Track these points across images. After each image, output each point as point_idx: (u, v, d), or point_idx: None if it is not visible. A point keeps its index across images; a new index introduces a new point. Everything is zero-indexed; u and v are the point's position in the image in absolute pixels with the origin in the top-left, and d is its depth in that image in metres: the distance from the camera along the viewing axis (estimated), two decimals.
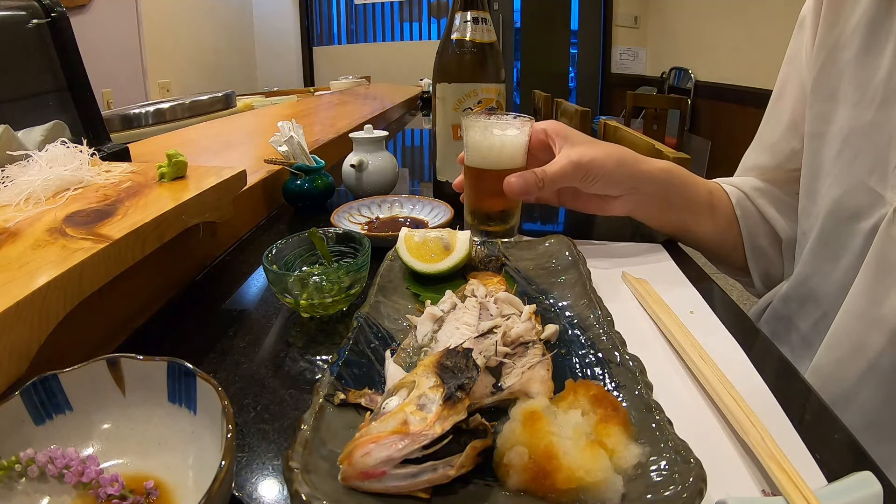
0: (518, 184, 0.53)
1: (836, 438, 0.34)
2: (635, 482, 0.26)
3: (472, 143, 0.58)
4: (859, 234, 0.47)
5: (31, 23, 0.68)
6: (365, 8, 4.66)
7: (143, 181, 0.54)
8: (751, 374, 0.39)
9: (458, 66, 0.69)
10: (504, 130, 0.57)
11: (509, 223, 0.61)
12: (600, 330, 0.40)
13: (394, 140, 1.63)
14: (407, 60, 4.36)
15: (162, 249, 0.46)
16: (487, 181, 0.59)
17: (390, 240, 0.54)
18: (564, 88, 4.63)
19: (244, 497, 0.29)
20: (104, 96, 2.71)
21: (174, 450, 0.29)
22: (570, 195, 0.60)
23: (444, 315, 0.41)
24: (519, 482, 0.26)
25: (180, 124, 1.59)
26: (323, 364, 0.41)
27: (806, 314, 0.55)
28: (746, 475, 0.30)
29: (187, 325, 0.48)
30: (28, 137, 0.61)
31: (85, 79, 0.73)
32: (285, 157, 0.76)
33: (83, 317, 0.37)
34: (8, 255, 0.36)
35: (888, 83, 0.44)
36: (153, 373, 0.29)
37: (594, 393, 0.30)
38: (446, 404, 0.27)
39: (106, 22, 2.75)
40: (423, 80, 2.66)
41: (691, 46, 3.71)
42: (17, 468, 0.26)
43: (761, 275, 0.63)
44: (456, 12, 0.69)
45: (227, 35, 4.04)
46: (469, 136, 0.58)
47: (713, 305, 0.50)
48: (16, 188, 0.47)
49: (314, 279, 0.44)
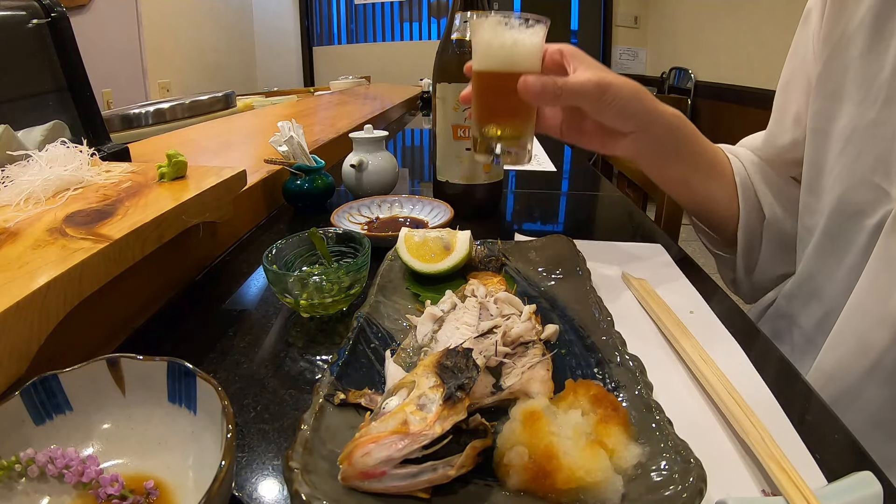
0: (535, 84, 0.47)
1: (836, 438, 0.34)
2: (635, 482, 0.26)
3: (483, 42, 0.50)
4: (864, 231, 0.47)
5: (31, 23, 0.68)
6: (365, 8, 4.66)
7: (143, 181, 0.54)
8: (751, 374, 0.39)
9: (458, 66, 0.69)
10: (517, 27, 0.49)
11: (522, 139, 0.52)
12: (600, 330, 0.40)
13: (394, 140, 1.63)
14: (407, 60, 4.36)
15: (162, 249, 0.46)
16: (500, 88, 0.50)
17: (390, 240, 0.54)
18: None
19: (244, 497, 0.29)
20: (104, 96, 2.71)
21: (174, 450, 0.29)
22: (575, 124, 0.54)
23: (444, 315, 0.41)
24: (519, 482, 0.26)
25: (180, 124, 1.59)
26: (323, 364, 0.41)
27: (809, 312, 0.54)
28: (746, 475, 0.30)
29: (187, 325, 0.48)
30: (28, 137, 0.61)
31: (85, 79, 0.73)
32: (285, 157, 0.76)
33: (83, 317, 0.37)
34: (8, 255, 0.36)
35: (892, 82, 0.44)
36: (153, 373, 0.29)
37: (594, 393, 0.30)
38: (446, 404, 0.27)
39: (106, 22, 2.75)
40: (423, 80, 2.66)
41: (691, 46, 3.70)
42: (17, 468, 0.26)
43: (744, 252, 0.62)
44: (456, 12, 0.69)
45: (227, 35, 4.04)
46: (478, 36, 0.50)
47: (713, 305, 0.50)
48: (16, 188, 0.47)
49: (314, 279, 0.44)
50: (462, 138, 0.71)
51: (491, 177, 0.75)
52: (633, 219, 0.81)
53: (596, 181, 1.10)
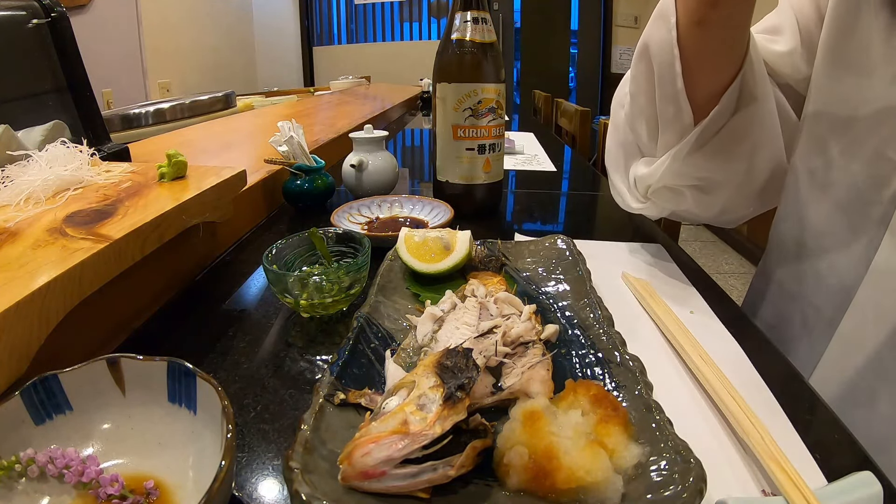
0: None
1: (836, 438, 0.34)
2: (635, 482, 0.26)
3: None
4: (882, 203, 0.45)
5: (31, 23, 0.68)
6: (365, 8, 4.66)
7: (143, 181, 0.54)
8: (751, 374, 0.39)
9: (458, 66, 0.69)
10: None
11: None
12: (600, 330, 0.40)
13: (394, 140, 1.63)
14: (407, 60, 4.37)
15: (162, 249, 0.46)
16: None
17: (390, 240, 0.54)
18: (564, 88, 4.63)
19: (244, 497, 0.29)
20: (104, 96, 2.71)
21: (174, 450, 0.29)
22: None
23: (444, 315, 0.41)
24: (519, 482, 0.26)
25: (180, 124, 1.59)
26: (323, 364, 0.41)
27: (825, 289, 0.52)
28: (746, 475, 0.30)
29: (187, 325, 0.48)
30: (28, 137, 0.61)
31: (85, 79, 0.73)
32: (285, 157, 0.76)
33: (83, 317, 0.37)
34: (8, 255, 0.36)
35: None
36: (153, 373, 0.29)
37: (594, 393, 0.30)
38: (446, 404, 0.27)
39: (106, 22, 2.75)
40: (423, 80, 2.66)
41: None
42: (17, 468, 0.26)
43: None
44: (456, 12, 0.69)
45: (227, 35, 4.04)
46: None
47: (713, 305, 0.50)
48: (16, 188, 0.47)
49: (314, 279, 0.44)
50: (462, 138, 0.71)
51: (491, 177, 0.75)
52: (634, 219, 0.81)
53: (596, 181, 1.10)
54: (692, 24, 0.46)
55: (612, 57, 4.46)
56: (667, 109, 0.50)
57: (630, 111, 0.57)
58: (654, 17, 0.49)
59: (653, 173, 0.54)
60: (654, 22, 0.49)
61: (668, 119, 0.51)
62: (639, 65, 0.52)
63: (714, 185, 0.54)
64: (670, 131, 0.51)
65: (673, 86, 0.48)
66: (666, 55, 0.48)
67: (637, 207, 0.60)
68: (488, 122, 0.71)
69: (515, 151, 1.33)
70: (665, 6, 0.47)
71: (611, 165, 0.64)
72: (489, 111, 0.70)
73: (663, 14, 0.48)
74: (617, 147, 0.62)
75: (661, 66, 0.49)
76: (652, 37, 0.49)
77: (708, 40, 0.46)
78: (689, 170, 0.52)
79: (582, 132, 1.84)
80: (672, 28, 0.46)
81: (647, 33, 0.50)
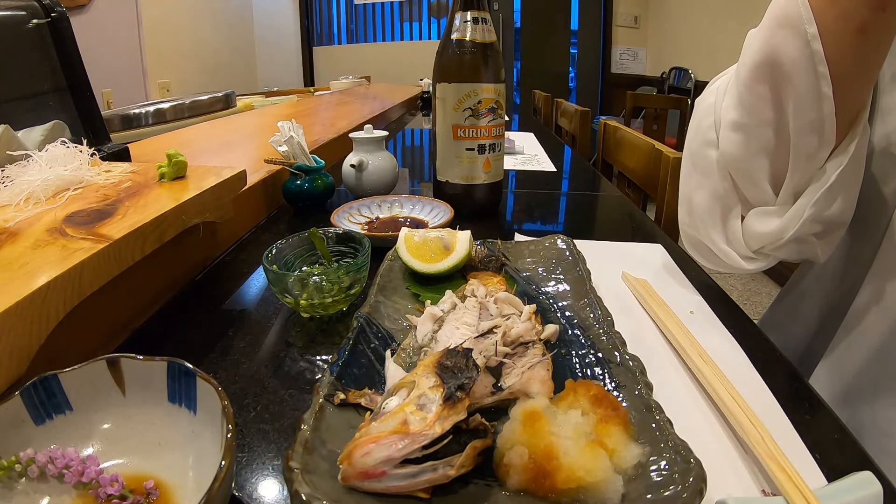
0: None
1: (836, 438, 0.34)
2: (635, 482, 0.26)
3: None
4: (885, 198, 0.44)
5: (31, 23, 0.68)
6: (365, 8, 4.66)
7: (143, 181, 0.54)
8: (751, 374, 0.39)
9: (458, 66, 0.69)
10: None
11: None
12: (600, 330, 0.40)
13: (394, 140, 1.63)
14: (407, 60, 4.36)
15: (162, 249, 0.46)
16: None
17: (390, 240, 0.54)
18: (564, 88, 4.63)
19: (244, 497, 0.29)
20: (104, 96, 2.71)
21: (174, 450, 0.29)
22: None
23: (444, 315, 0.41)
24: (519, 482, 0.26)
25: (180, 124, 1.59)
26: (323, 364, 0.41)
27: (840, 284, 0.51)
28: (746, 475, 0.30)
29: (187, 325, 0.48)
30: (28, 137, 0.61)
31: (85, 79, 0.73)
32: (285, 157, 0.76)
33: (83, 317, 0.37)
34: (8, 255, 0.36)
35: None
36: (153, 373, 0.29)
37: (594, 393, 0.30)
38: (446, 404, 0.27)
39: (106, 22, 2.75)
40: (423, 80, 2.66)
41: (691, 46, 3.71)
42: (17, 468, 0.26)
43: None
44: (456, 12, 0.69)
45: (227, 35, 4.04)
46: None
47: (713, 305, 0.50)
48: (16, 188, 0.47)
49: (314, 279, 0.44)
50: (462, 138, 0.71)
51: (491, 177, 0.75)
52: (633, 219, 0.81)
53: (596, 181, 1.10)
54: (851, 31, 0.36)
55: (612, 57, 4.46)
56: (807, 142, 0.40)
57: (739, 151, 0.45)
58: (774, 26, 0.39)
59: (785, 227, 0.43)
60: (774, 32, 0.39)
61: (806, 154, 0.41)
62: (757, 88, 0.42)
63: (838, 225, 0.44)
64: (804, 168, 0.42)
65: (819, 111, 0.39)
66: (808, 73, 0.38)
67: (754, 268, 0.49)
68: (488, 122, 0.71)
69: (515, 151, 1.33)
70: (789, 11, 0.38)
71: (703, 223, 0.50)
72: (489, 111, 0.70)
73: (791, 21, 0.38)
74: (712, 200, 0.49)
75: (802, 88, 0.39)
76: (782, 51, 0.39)
77: (866, 51, 0.37)
78: (829, 214, 0.42)
79: (582, 132, 1.84)
80: (813, 38, 0.37)
81: (771, 47, 0.40)
